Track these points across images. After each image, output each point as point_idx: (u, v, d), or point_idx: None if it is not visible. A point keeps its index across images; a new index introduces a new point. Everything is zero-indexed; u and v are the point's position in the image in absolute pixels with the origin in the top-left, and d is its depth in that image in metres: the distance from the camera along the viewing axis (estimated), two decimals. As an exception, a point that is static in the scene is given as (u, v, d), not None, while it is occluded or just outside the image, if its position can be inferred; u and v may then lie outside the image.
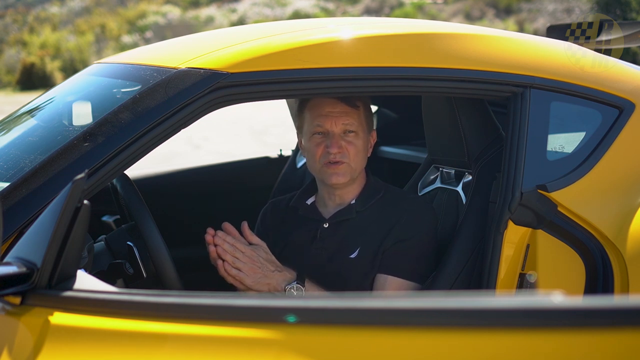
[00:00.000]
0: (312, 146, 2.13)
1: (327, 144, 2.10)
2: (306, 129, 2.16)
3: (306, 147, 2.17)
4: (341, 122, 2.10)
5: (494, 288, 2.04)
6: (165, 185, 3.40)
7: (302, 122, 2.18)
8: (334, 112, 2.10)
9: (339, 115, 2.10)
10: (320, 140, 2.12)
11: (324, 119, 2.10)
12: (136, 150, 1.79)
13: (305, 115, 2.16)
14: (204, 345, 1.16)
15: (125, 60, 2.32)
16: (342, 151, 2.10)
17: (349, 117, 2.11)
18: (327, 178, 2.13)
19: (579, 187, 2.09)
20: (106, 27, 29.88)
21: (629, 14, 14.07)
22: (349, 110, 2.11)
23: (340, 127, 2.10)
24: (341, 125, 2.10)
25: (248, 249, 1.98)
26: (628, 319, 0.95)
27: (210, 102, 1.85)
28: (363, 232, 2.14)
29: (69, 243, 1.30)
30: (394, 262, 2.10)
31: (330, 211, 2.20)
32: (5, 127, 2.41)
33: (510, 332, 1.00)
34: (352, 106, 2.11)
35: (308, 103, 2.16)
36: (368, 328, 1.07)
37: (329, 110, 2.11)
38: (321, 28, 2.22)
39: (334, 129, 2.10)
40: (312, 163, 2.15)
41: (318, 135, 2.12)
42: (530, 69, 2.11)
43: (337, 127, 2.10)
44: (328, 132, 2.11)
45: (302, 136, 2.19)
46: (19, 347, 1.30)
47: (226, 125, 12.74)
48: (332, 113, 2.10)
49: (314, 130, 2.12)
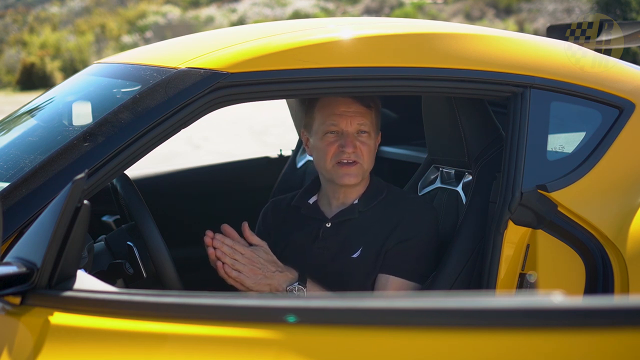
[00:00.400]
0: (324, 145, 2.11)
1: (342, 143, 2.09)
2: (317, 128, 2.14)
3: (317, 146, 2.15)
4: (356, 121, 2.10)
5: (494, 288, 2.04)
6: (165, 185, 3.39)
7: (312, 120, 2.16)
8: (348, 112, 2.10)
9: (354, 115, 2.10)
10: (333, 139, 2.11)
11: (339, 118, 2.10)
12: (136, 150, 1.79)
13: (316, 114, 2.15)
14: (204, 345, 1.16)
15: (125, 60, 2.32)
16: (357, 151, 2.09)
17: (364, 117, 2.11)
18: (338, 178, 2.12)
19: (579, 187, 2.09)
20: (106, 27, 29.87)
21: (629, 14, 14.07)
22: (363, 110, 2.11)
23: (355, 126, 2.10)
24: (356, 125, 2.10)
25: (248, 251, 1.97)
26: (628, 319, 0.95)
27: (210, 102, 1.85)
28: (365, 232, 2.13)
29: (69, 243, 1.30)
30: (395, 262, 2.10)
31: (333, 210, 2.20)
32: (5, 127, 2.41)
33: (510, 332, 1.00)
34: (366, 106, 2.11)
35: (319, 102, 2.15)
36: (368, 328, 1.07)
37: (344, 110, 2.10)
38: (321, 28, 2.22)
39: (348, 128, 2.10)
40: (323, 162, 2.13)
41: (331, 134, 2.11)
42: (530, 69, 2.11)
43: (352, 126, 2.10)
44: (342, 132, 2.10)
45: (311, 135, 2.17)
46: (19, 347, 1.30)
47: (226, 125, 12.74)
48: (347, 112, 2.10)
49: (327, 129, 2.11)
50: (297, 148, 3.42)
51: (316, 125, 2.14)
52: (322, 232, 2.17)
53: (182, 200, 3.39)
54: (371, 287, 2.11)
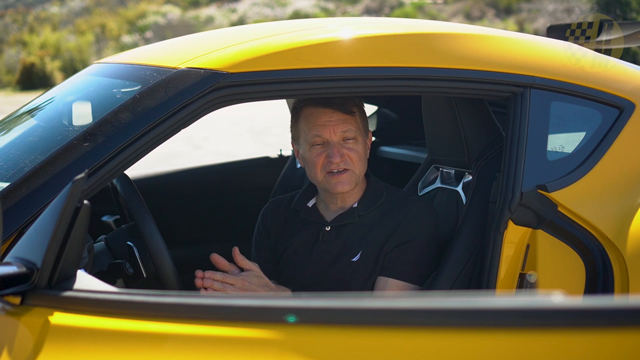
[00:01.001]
0: (313, 157, 2.11)
1: (329, 153, 2.08)
2: (303, 140, 2.13)
3: (306, 158, 2.14)
4: (339, 129, 2.09)
5: (494, 288, 2.04)
6: (165, 185, 3.39)
7: (298, 132, 2.16)
8: (331, 121, 2.08)
9: (337, 124, 2.08)
10: (320, 151, 2.10)
11: (322, 129, 2.09)
12: (136, 150, 1.79)
13: (301, 125, 2.14)
14: (204, 345, 1.16)
15: (125, 60, 2.32)
16: (345, 159, 2.09)
17: (347, 124, 2.09)
18: (331, 187, 2.11)
19: (579, 187, 2.09)
20: (106, 27, 29.87)
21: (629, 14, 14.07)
22: (345, 117, 2.09)
23: (339, 135, 2.09)
24: (340, 133, 2.09)
25: (238, 280, 1.95)
26: (628, 319, 0.95)
27: (210, 102, 1.85)
28: (365, 236, 2.13)
29: (69, 243, 1.30)
30: (395, 265, 2.09)
31: (332, 214, 2.19)
32: (5, 127, 2.41)
33: (510, 332, 1.00)
34: (347, 113, 2.10)
35: (302, 113, 2.14)
36: (368, 328, 1.07)
37: (326, 120, 2.09)
38: (321, 28, 2.22)
39: (333, 137, 2.09)
40: (314, 174, 2.13)
41: (318, 146, 2.10)
42: (530, 69, 2.11)
43: (336, 135, 2.09)
44: (328, 142, 2.09)
45: (299, 147, 2.17)
46: (19, 347, 1.30)
47: (226, 125, 12.74)
48: (329, 122, 2.08)
49: (312, 141, 2.10)
50: (297, 148, 3.42)
51: (302, 137, 2.14)
52: (322, 236, 2.16)
53: (182, 200, 3.39)
54: (371, 290, 2.11)
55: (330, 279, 2.10)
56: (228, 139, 11.53)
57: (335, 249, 2.14)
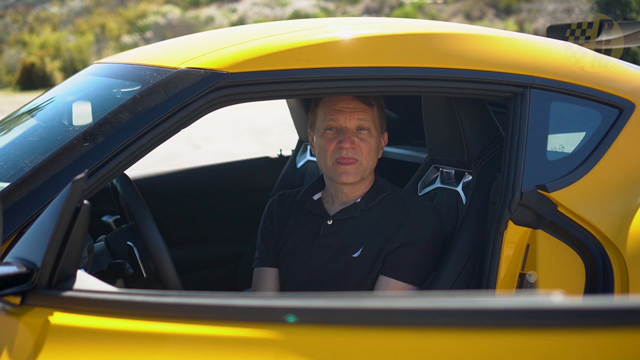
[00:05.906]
0: (324, 142, 2.12)
1: (340, 139, 2.10)
2: (318, 125, 2.15)
3: (318, 144, 2.16)
4: (355, 117, 2.10)
5: (494, 288, 2.04)
6: (165, 185, 3.39)
7: (315, 118, 2.18)
8: (348, 108, 2.10)
9: (353, 111, 2.10)
10: (332, 136, 2.11)
11: (338, 114, 2.10)
12: (136, 150, 1.79)
13: (318, 111, 2.16)
14: (204, 345, 1.16)
15: (125, 60, 2.32)
16: (355, 148, 2.10)
17: (364, 113, 2.11)
18: (337, 176, 2.12)
19: (579, 187, 2.09)
20: (106, 27, 29.88)
21: (629, 14, 14.08)
22: (363, 107, 2.11)
23: (354, 122, 2.10)
24: (355, 121, 2.10)
25: None
26: (628, 319, 0.95)
27: (210, 102, 1.85)
28: (367, 232, 2.13)
29: (69, 243, 1.30)
30: (397, 265, 2.09)
31: (336, 208, 2.20)
32: (5, 127, 2.41)
33: (510, 332, 1.00)
34: (366, 104, 2.12)
35: (321, 100, 2.16)
36: (368, 328, 1.07)
37: (344, 106, 2.11)
38: (321, 28, 2.22)
39: (347, 124, 2.10)
40: (323, 160, 2.14)
41: (330, 131, 2.12)
42: (530, 69, 2.11)
43: (351, 122, 2.10)
44: (341, 128, 2.11)
45: (314, 133, 2.18)
46: (19, 347, 1.30)
47: (226, 125, 12.74)
48: (346, 108, 2.10)
49: (327, 125, 2.12)
50: (297, 148, 3.42)
51: (318, 122, 2.16)
52: (323, 229, 2.17)
53: (182, 200, 3.39)
54: (369, 287, 2.11)
55: (329, 274, 2.10)
56: (228, 139, 11.53)
57: (337, 243, 2.14)
